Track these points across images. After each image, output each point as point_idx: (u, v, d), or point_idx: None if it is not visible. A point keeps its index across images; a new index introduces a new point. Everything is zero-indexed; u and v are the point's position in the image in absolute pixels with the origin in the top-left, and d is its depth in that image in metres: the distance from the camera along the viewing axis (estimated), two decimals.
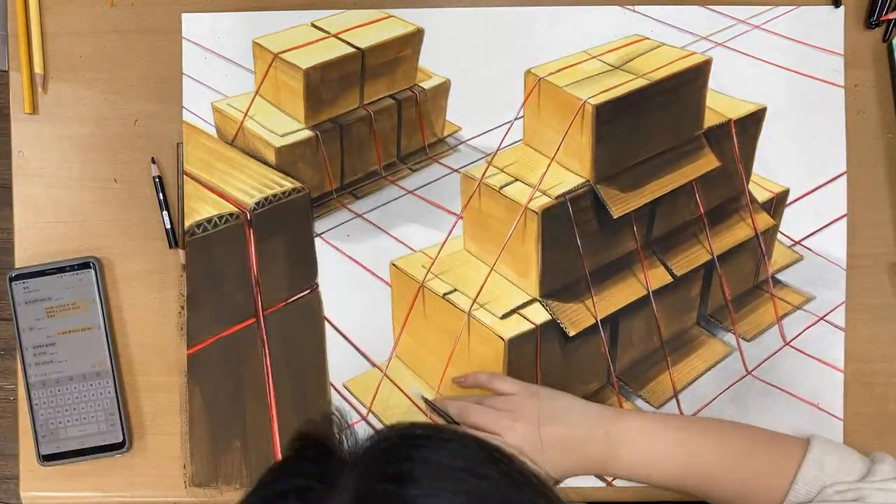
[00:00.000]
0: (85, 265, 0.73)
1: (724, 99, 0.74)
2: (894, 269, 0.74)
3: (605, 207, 0.73)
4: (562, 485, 0.70)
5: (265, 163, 0.74)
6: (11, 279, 0.72)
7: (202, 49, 0.75)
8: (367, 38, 0.74)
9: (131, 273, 0.74)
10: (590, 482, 0.71)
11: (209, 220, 0.73)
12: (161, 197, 0.74)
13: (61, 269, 0.73)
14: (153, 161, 0.74)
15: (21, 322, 0.72)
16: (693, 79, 0.73)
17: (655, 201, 0.74)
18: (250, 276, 0.73)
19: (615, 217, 0.73)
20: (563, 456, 0.65)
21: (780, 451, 0.63)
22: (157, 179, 0.74)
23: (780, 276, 0.74)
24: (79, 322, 0.73)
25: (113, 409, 0.73)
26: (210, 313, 0.73)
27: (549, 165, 0.73)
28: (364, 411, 0.74)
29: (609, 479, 0.71)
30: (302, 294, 0.74)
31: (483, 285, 0.73)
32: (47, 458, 0.72)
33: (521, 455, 0.61)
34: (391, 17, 0.75)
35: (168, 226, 0.74)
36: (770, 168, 0.74)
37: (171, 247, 0.74)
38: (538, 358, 0.72)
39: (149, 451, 0.74)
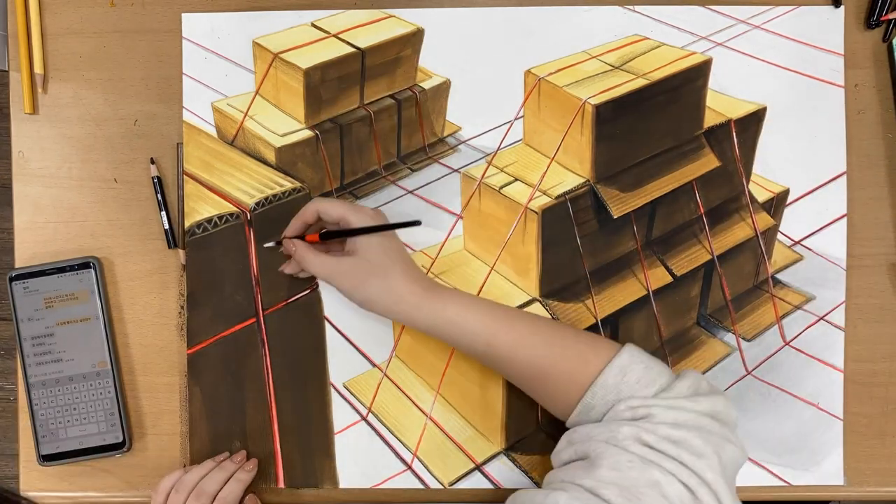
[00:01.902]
0: (85, 265, 0.73)
1: (724, 99, 0.74)
2: (894, 269, 0.74)
3: (605, 207, 0.73)
4: None
5: (265, 163, 0.74)
6: (11, 279, 0.72)
7: (202, 49, 0.75)
8: (367, 38, 0.74)
9: (131, 273, 0.74)
10: None
11: (209, 220, 0.73)
12: (160, 197, 0.74)
13: (61, 269, 0.73)
14: (152, 161, 0.74)
15: (20, 317, 0.72)
16: (693, 79, 0.74)
17: (655, 201, 0.74)
18: (250, 276, 0.73)
19: (615, 217, 0.73)
20: (386, 293, 0.65)
21: (594, 345, 0.62)
22: (156, 180, 0.74)
23: (780, 276, 0.74)
24: (79, 324, 0.73)
25: (113, 409, 0.73)
26: (210, 313, 0.73)
27: (549, 165, 0.73)
28: (364, 411, 0.74)
29: None
30: (302, 294, 0.74)
31: (483, 285, 0.73)
32: (47, 458, 0.72)
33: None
34: (391, 17, 0.75)
35: (168, 226, 0.74)
36: (770, 168, 0.74)
37: (170, 247, 0.74)
38: None
39: (149, 451, 0.74)
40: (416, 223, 0.64)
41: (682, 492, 0.53)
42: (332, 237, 0.67)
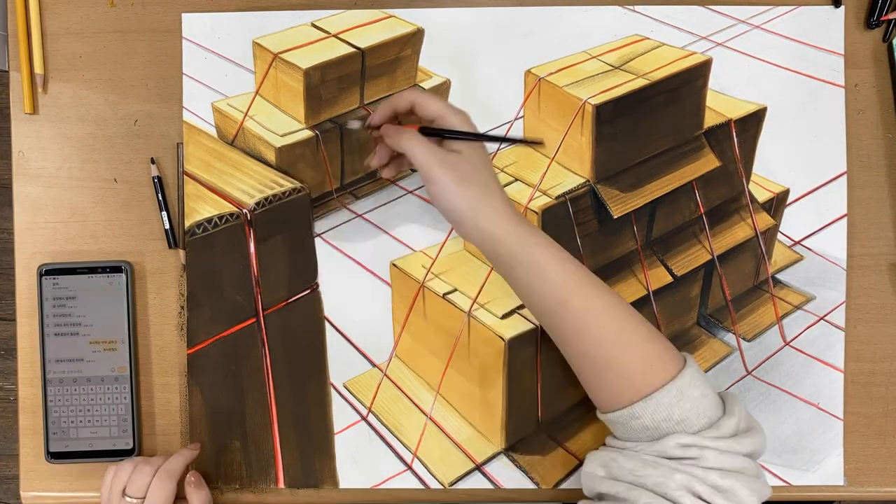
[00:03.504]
0: (117, 269, 0.73)
1: (724, 99, 0.74)
2: (894, 269, 0.74)
3: (605, 207, 0.73)
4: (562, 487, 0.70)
5: (265, 163, 0.74)
6: (42, 273, 0.72)
7: (202, 49, 0.75)
8: (367, 38, 0.74)
9: (131, 273, 0.74)
10: None
11: (209, 220, 0.73)
12: (161, 197, 0.74)
13: (92, 270, 0.72)
14: (152, 161, 0.74)
15: (45, 311, 0.72)
16: (693, 79, 0.74)
17: (655, 201, 0.74)
18: (250, 276, 0.73)
19: (615, 217, 0.73)
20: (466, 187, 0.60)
21: (659, 357, 0.59)
22: (156, 180, 0.74)
23: (780, 276, 0.74)
24: (105, 329, 0.73)
25: (127, 416, 0.73)
26: (210, 313, 0.73)
27: (549, 165, 0.73)
28: (364, 411, 0.74)
29: None
30: (302, 294, 0.74)
31: (483, 285, 0.73)
32: (55, 456, 0.72)
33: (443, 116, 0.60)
34: (391, 17, 0.75)
35: (168, 226, 0.74)
36: (770, 168, 0.74)
37: (170, 247, 0.74)
38: (538, 358, 0.72)
39: (149, 452, 0.74)
40: (539, 142, 0.59)
41: None
42: (432, 135, 0.61)
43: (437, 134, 0.62)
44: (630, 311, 0.62)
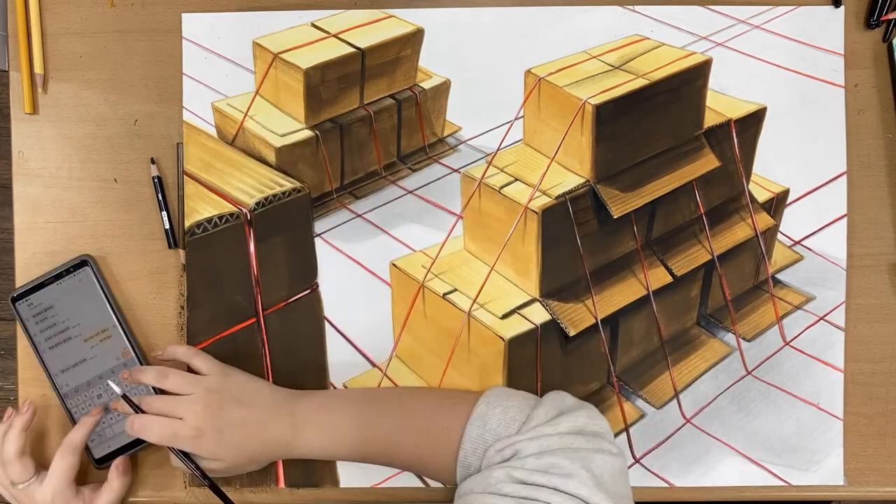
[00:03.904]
0: (81, 264, 0.73)
1: (724, 99, 0.74)
2: (894, 269, 0.74)
3: (605, 207, 0.73)
4: None
5: (265, 163, 0.74)
6: (14, 300, 0.72)
7: (202, 49, 0.75)
8: (367, 38, 0.74)
9: (131, 273, 0.74)
10: None
11: (209, 220, 0.73)
12: (161, 197, 0.74)
13: (59, 276, 0.72)
14: (153, 161, 0.74)
15: (32, 333, 0.72)
16: (693, 79, 0.74)
17: (655, 201, 0.74)
18: (250, 276, 0.73)
19: (615, 217, 0.73)
20: (247, 437, 0.65)
21: (451, 411, 0.63)
22: (156, 180, 0.74)
23: (780, 276, 0.74)
24: (92, 322, 0.72)
25: (149, 391, 0.71)
26: (210, 313, 0.73)
27: (549, 165, 0.73)
28: None
29: None
30: (302, 294, 0.74)
31: (483, 285, 0.73)
32: (100, 461, 0.72)
33: (199, 437, 0.63)
34: (391, 17, 0.75)
35: (168, 226, 0.74)
36: (770, 168, 0.74)
37: (170, 247, 0.74)
38: (538, 358, 0.72)
39: (149, 452, 0.74)
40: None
41: None
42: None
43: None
44: (410, 394, 0.68)
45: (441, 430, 0.63)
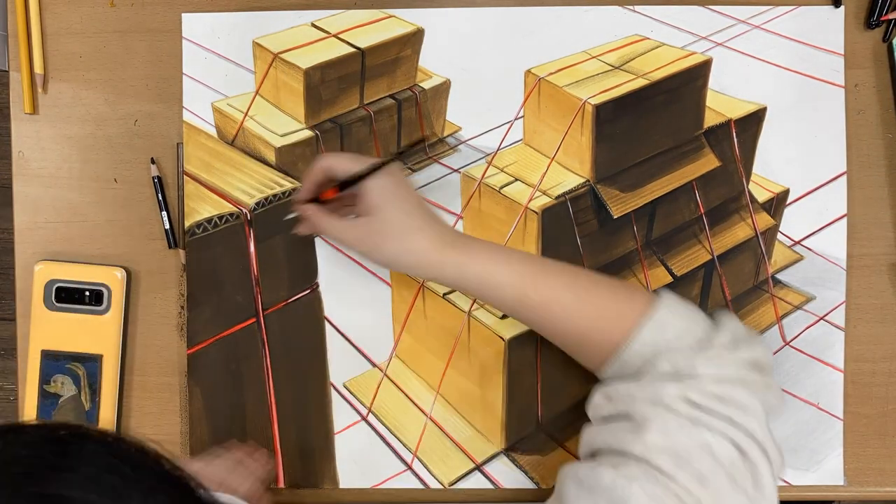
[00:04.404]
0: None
1: (724, 99, 0.74)
2: (894, 269, 0.74)
3: (605, 207, 0.73)
4: None
5: (265, 163, 0.74)
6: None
7: (202, 49, 0.75)
8: (367, 38, 0.74)
9: (131, 273, 0.74)
10: None
11: (209, 220, 0.73)
12: (160, 197, 0.74)
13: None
14: (153, 161, 0.74)
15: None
16: (693, 79, 0.74)
17: (655, 201, 0.74)
18: (250, 276, 0.73)
19: (615, 217, 0.73)
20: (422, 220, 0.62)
21: (628, 299, 0.60)
22: (156, 180, 0.74)
23: (780, 276, 0.74)
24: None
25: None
26: (210, 313, 0.73)
27: (549, 165, 0.73)
28: (364, 411, 0.74)
29: None
30: (302, 294, 0.74)
31: None
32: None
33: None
34: (391, 17, 0.75)
35: (168, 226, 0.74)
36: (770, 168, 0.74)
37: (170, 247, 0.74)
38: (538, 358, 0.72)
39: None
40: (421, 141, 0.60)
41: (731, 452, 0.53)
42: (347, 187, 0.63)
43: (350, 185, 0.63)
44: (589, 275, 0.63)
45: (613, 314, 0.60)
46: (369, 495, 0.73)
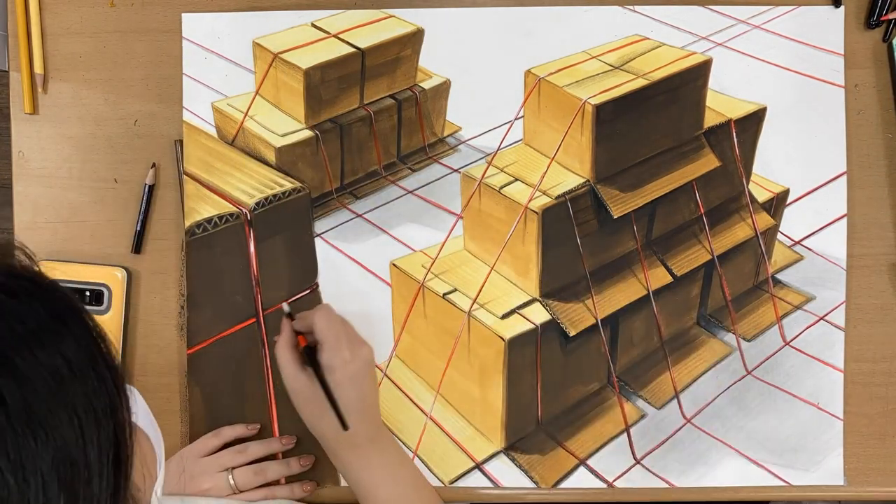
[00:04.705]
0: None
1: (724, 99, 0.74)
2: (894, 269, 0.74)
3: (605, 207, 0.73)
4: (560, 486, 0.71)
5: (265, 163, 0.74)
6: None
7: (202, 49, 0.75)
8: (367, 38, 0.74)
9: (131, 273, 0.74)
10: (589, 482, 0.71)
11: (209, 220, 0.73)
12: (144, 205, 0.73)
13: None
14: (153, 166, 0.74)
15: None
16: (693, 79, 0.73)
17: (655, 201, 0.74)
18: (250, 276, 0.73)
19: (615, 217, 0.73)
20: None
21: None
22: (146, 188, 0.73)
23: (780, 276, 0.74)
24: None
25: None
26: (210, 313, 0.73)
27: (549, 165, 0.73)
28: None
29: (609, 479, 0.71)
30: (302, 294, 0.74)
31: (483, 285, 0.73)
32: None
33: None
34: (391, 17, 0.75)
35: (138, 228, 0.73)
36: (770, 168, 0.74)
37: (133, 252, 0.73)
38: (538, 358, 0.72)
39: None
40: (344, 426, 0.63)
41: None
42: (309, 353, 0.65)
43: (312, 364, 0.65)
44: None
45: None
46: None
